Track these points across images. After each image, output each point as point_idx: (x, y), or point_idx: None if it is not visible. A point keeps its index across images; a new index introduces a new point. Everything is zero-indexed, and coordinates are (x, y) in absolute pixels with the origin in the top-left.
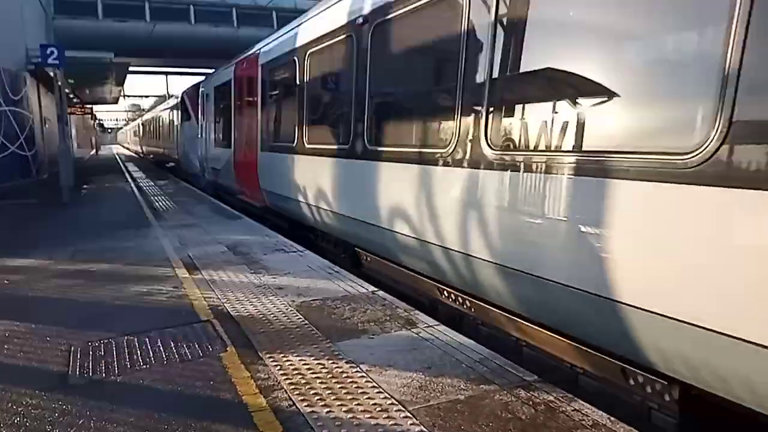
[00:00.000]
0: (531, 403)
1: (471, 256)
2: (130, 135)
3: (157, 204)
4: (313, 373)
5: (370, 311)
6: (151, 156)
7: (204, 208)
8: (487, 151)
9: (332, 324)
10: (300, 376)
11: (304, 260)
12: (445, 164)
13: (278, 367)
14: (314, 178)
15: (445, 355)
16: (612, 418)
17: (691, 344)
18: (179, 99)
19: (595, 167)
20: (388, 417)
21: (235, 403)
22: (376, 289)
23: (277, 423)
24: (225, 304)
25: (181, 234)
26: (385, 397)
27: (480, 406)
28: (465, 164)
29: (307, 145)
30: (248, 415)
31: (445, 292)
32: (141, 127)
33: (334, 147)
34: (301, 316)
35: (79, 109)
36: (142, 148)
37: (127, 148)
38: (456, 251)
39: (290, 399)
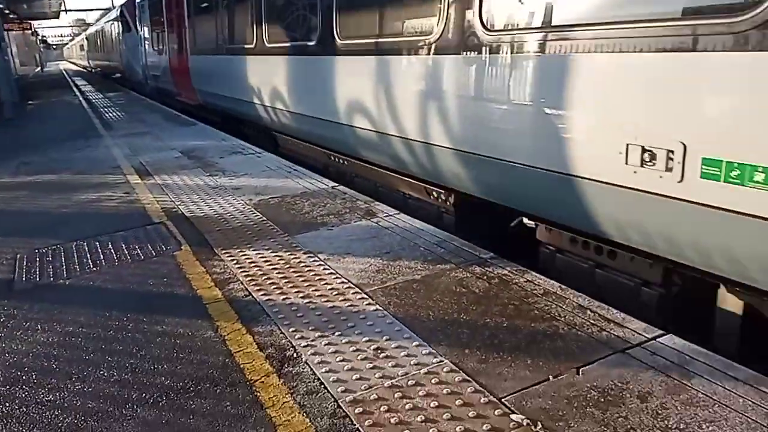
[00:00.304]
0: (485, 277)
1: (337, 122)
2: (77, 50)
3: (107, 115)
4: (270, 265)
5: (330, 205)
6: (99, 69)
7: (157, 117)
8: (338, 43)
9: (291, 219)
10: (257, 269)
11: (262, 161)
12: (307, 54)
13: (234, 262)
14: (233, 73)
15: (404, 241)
16: (562, 287)
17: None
18: (119, 11)
19: (381, 48)
20: (344, 299)
21: (189, 297)
22: (336, 184)
23: (233, 312)
24: (179, 206)
25: (133, 142)
26: (342, 282)
27: (435, 284)
28: (324, 52)
29: (226, 46)
30: (203, 306)
31: (332, 157)
32: (86, 41)
33: (245, 46)
34: (258, 214)
35: (17, 25)
36: (89, 62)
37: (75, 63)
38: (324, 119)
39: (246, 290)
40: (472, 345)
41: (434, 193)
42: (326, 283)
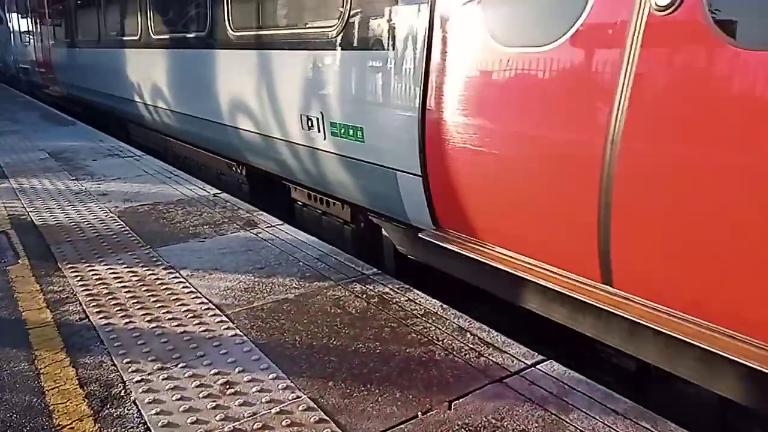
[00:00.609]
0: (365, 296)
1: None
2: None
3: None
4: (120, 282)
5: (207, 214)
6: None
7: (32, 115)
8: (153, 38)
9: (158, 229)
10: (103, 287)
11: (140, 164)
12: (131, 47)
13: (78, 279)
14: (87, 65)
15: (283, 254)
16: (444, 306)
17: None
18: None
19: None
20: (200, 323)
21: (10, 321)
22: (218, 191)
23: (59, 339)
24: (30, 213)
25: None
26: (202, 302)
27: (309, 304)
28: (140, 46)
29: (78, 39)
30: (24, 332)
31: (168, 141)
32: None
33: (90, 39)
34: (121, 223)
35: None
36: None
37: None
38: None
39: (84, 312)
40: (337, 376)
41: (233, 167)
42: (182, 304)
